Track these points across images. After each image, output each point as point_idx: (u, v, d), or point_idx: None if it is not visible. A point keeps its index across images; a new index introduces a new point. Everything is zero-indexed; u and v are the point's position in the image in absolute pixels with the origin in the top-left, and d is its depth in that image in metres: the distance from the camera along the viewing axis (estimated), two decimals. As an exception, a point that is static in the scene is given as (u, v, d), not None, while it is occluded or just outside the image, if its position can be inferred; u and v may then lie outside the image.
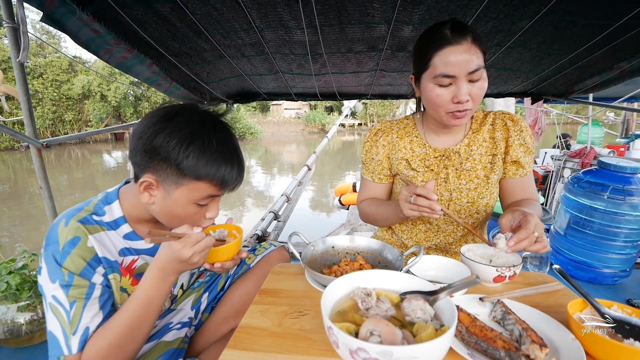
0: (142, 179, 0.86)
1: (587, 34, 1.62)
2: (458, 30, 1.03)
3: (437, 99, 1.08)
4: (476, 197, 1.23)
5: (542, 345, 0.61)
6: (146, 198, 0.89)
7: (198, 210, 0.91)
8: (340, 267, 0.99)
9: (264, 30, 1.61)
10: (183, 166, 0.83)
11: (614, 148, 4.99)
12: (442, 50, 1.03)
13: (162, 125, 0.84)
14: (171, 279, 0.87)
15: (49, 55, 24.60)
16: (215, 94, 2.58)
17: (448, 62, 1.02)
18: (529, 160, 1.24)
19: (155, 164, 0.85)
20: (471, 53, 1.01)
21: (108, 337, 0.81)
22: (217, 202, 0.96)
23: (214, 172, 0.86)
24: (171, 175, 0.85)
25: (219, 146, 0.87)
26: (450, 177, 1.23)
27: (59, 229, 0.83)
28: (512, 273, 0.91)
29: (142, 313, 0.84)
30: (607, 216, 2.04)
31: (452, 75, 1.03)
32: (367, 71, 2.23)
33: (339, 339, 0.55)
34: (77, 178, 14.93)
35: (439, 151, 1.25)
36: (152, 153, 0.84)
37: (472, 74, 1.02)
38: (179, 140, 0.83)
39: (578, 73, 2.13)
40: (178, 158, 0.83)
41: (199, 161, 0.84)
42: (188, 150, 0.83)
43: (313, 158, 6.01)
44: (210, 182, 0.87)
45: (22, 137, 1.53)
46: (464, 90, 1.04)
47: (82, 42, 1.43)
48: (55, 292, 0.80)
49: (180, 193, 0.87)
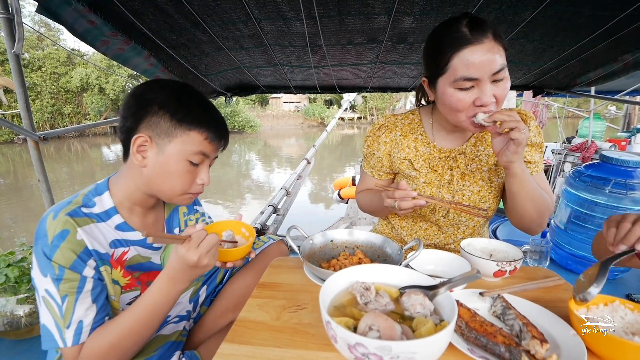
0: (136, 136, 0.88)
1: (591, 25, 1.59)
2: (477, 26, 0.93)
3: (459, 104, 0.98)
4: (478, 201, 1.19)
5: (543, 341, 0.60)
6: (139, 159, 0.89)
7: (190, 170, 0.92)
8: (339, 261, 0.98)
9: (262, 21, 1.59)
10: (177, 114, 0.88)
11: (616, 142, 4.95)
12: (462, 51, 0.93)
13: (152, 84, 0.93)
14: (181, 287, 0.86)
15: (47, 48, 24.43)
16: (213, 86, 2.56)
17: (470, 63, 0.92)
18: (539, 157, 1.19)
19: (149, 119, 0.88)
20: (494, 52, 0.92)
21: (110, 337, 0.81)
22: (207, 166, 0.97)
23: (205, 123, 0.91)
24: (165, 128, 0.88)
25: (204, 105, 0.95)
26: (455, 179, 1.19)
27: (47, 223, 0.82)
28: (512, 267, 0.90)
29: (147, 318, 0.84)
30: (608, 210, 2.04)
31: (474, 78, 0.94)
32: (366, 63, 2.21)
33: (337, 334, 0.54)
34: (77, 171, 14.94)
35: (444, 152, 1.20)
36: (146, 105, 0.88)
37: (496, 74, 0.93)
38: (170, 92, 0.90)
39: (581, 65, 2.11)
40: (171, 107, 0.88)
41: (191, 111, 0.90)
42: (179, 101, 0.90)
43: (312, 152, 5.99)
44: (201, 134, 0.90)
45: (19, 129, 1.51)
46: (488, 93, 0.94)
47: (78, 34, 1.41)
48: (47, 286, 0.80)
49: (174, 147, 0.89)
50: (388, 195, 1.02)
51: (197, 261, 0.80)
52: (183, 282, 0.85)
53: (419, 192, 1.19)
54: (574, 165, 4.53)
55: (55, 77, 24.12)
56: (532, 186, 1.05)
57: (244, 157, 19.12)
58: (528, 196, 1.06)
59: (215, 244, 0.83)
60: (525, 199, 1.06)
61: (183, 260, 0.80)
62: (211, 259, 0.83)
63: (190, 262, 0.80)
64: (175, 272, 0.83)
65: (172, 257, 0.83)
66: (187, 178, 0.93)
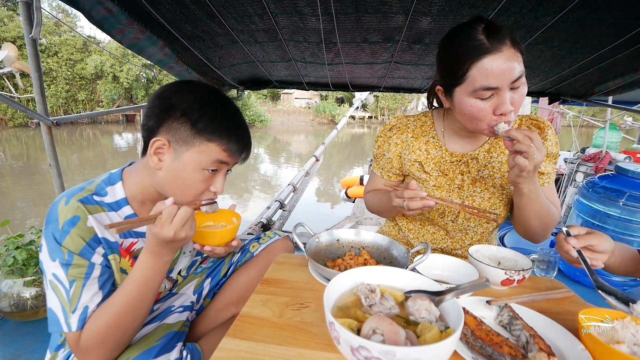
0: (155, 138, 0.87)
1: (613, 33, 1.55)
2: (495, 33, 0.91)
3: (480, 114, 0.96)
4: (488, 208, 1.17)
5: (550, 354, 0.59)
6: (155, 162, 0.89)
7: (205, 178, 0.91)
8: (345, 260, 0.97)
9: (278, 15, 1.58)
10: (198, 125, 0.87)
11: (631, 154, 4.84)
12: (481, 61, 0.91)
13: (180, 87, 0.91)
14: (166, 258, 0.86)
15: (63, 34, 24.73)
16: (226, 79, 2.56)
17: (489, 73, 0.90)
18: (552, 168, 1.17)
19: (169, 124, 0.87)
20: (514, 59, 0.90)
21: (106, 316, 0.81)
22: (223, 174, 0.96)
23: (225, 135, 0.89)
24: (184, 135, 0.87)
25: (230, 115, 0.92)
26: (465, 184, 1.18)
27: (59, 208, 0.83)
28: (521, 277, 0.88)
29: (138, 293, 0.84)
30: (621, 223, 1.99)
31: (494, 87, 0.92)
32: (381, 63, 2.18)
33: (340, 336, 0.53)
34: (88, 157, 15.12)
35: (456, 156, 1.18)
36: (169, 110, 0.87)
37: (516, 81, 0.92)
38: (196, 99, 0.89)
39: (600, 74, 2.06)
40: (193, 116, 0.87)
41: (213, 122, 0.88)
42: (203, 110, 0.88)
43: (321, 149, 5.98)
44: (220, 146, 0.89)
45: (33, 113, 1.53)
46: (507, 101, 0.93)
47: (95, 21, 1.42)
48: (55, 270, 0.81)
49: (191, 155, 0.88)
50: (397, 195, 1.01)
51: (173, 236, 0.80)
52: (167, 254, 0.86)
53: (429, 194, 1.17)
54: (586, 176, 4.45)
55: (70, 64, 24.43)
56: (540, 203, 1.04)
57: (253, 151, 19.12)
58: (534, 212, 1.05)
59: (190, 216, 0.83)
60: (531, 214, 1.06)
61: (159, 238, 0.80)
62: (188, 231, 0.83)
63: (166, 238, 0.79)
64: (155, 248, 0.83)
65: (148, 236, 0.83)
66: (201, 187, 0.93)
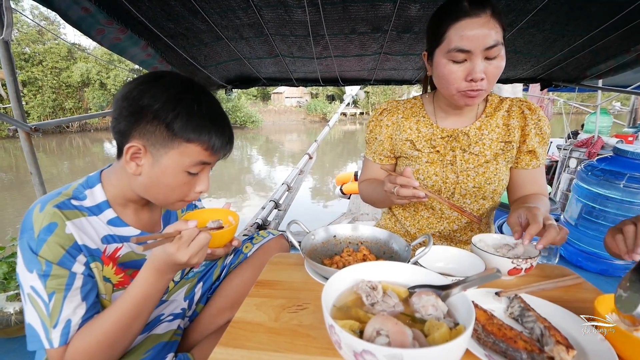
0: (128, 144, 0.80)
1: (604, 13, 1.52)
2: (477, 1, 0.95)
3: (450, 76, 1.01)
4: (483, 182, 1.16)
5: (569, 347, 0.54)
6: (133, 168, 0.82)
7: (188, 180, 0.85)
8: (343, 257, 0.92)
9: (262, 9, 1.53)
10: (173, 126, 0.78)
11: (622, 137, 4.86)
12: (458, 23, 0.96)
13: (148, 84, 0.80)
14: (169, 277, 0.81)
15: (47, 42, 24.35)
16: (213, 78, 2.50)
17: (464, 35, 0.95)
18: (543, 151, 1.18)
19: (142, 127, 0.79)
20: (489, 27, 0.94)
21: (96, 334, 0.76)
22: (207, 173, 0.90)
23: (206, 133, 0.81)
24: (160, 138, 0.79)
25: (207, 109, 0.83)
26: (458, 159, 1.18)
27: (34, 215, 0.77)
28: (528, 265, 0.84)
29: (135, 311, 0.78)
30: (622, 206, 1.96)
31: (467, 50, 0.96)
32: (370, 54, 2.14)
33: (341, 339, 0.49)
34: (79, 166, 14.87)
35: (446, 131, 1.19)
36: (139, 114, 0.78)
37: (489, 50, 0.95)
38: (167, 98, 0.79)
39: (591, 57, 2.03)
40: (167, 117, 0.78)
41: (190, 121, 0.79)
42: (177, 110, 0.78)
43: (314, 147, 5.95)
44: (201, 145, 0.81)
45: (10, 120, 1.46)
46: (479, 68, 0.96)
47: (72, 22, 1.35)
48: (33, 283, 0.74)
49: (170, 158, 0.81)
50: (390, 180, 0.99)
51: (186, 261, 0.75)
52: (171, 273, 0.80)
53: (422, 173, 1.20)
54: (579, 161, 4.45)
55: (56, 72, 24.03)
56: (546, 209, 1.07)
57: (246, 153, 19.05)
58: None
59: (206, 244, 0.77)
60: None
61: (171, 259, 0.75)
62: (201, 257, 0.78)
63: (179, 262, 0.74)
64: (161, 266, 0.77)
65: (159, 253, 0.77)
66: (185, 189, 0.86)
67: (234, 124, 28.47)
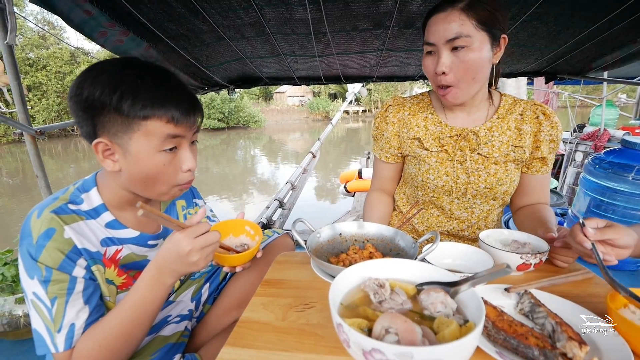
0: (94, 142, 0.78)
1: (610, 3, 1.50)
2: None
3: (425, 69, 1.07)
4: (495, 183, 1.14)
5: (582, 343, 0.54)
6: (110, 166, 0.80)
7: (168, 160, 0.81)
8: (349, 255, 0.91)
9: (263, 8, 1.52)
10: (122, 108, 0.75)
11: (629, 130, 4.80)
12: (431, 17, 1.02)
13: (85, 76, 0.77)
14: (168, 281, 0.79)
15: (51, 47, 24.53)
16: (216, 79, 2.50)
17: (429, 29, 1.01)
18: (552, 157, 1.18)
19: (99, 121, 0.77)
20: (452, 20, 0.96)
21: (99, 338, 0.76)
22: (186, 148, 0.85)
23: (160, 104, 0.77)
24: (117, 125, 0.76)
25: (154, 81, 0.79)
26: (468, 159, 1.15)
27: (32, 221, 0.77)
28: (537, 260, 0.83)
29: (135, 317, 0.78)
30: (632, 199, 1.93)
31: (431, 43, 1.01)
32: (372, 51, 2.13)
33: (350, 338, 0.48)
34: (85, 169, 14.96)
35: (455, 130, 1.16)
36: (89, 109, 0.76)
37: (451, 41, 0.97)
38: (106, 80, 0.75)
39: (597, 48, 2.01)
40: (112, 100, 0.75)
41: (137, 98, 0.75)
42: (119, 90, 0.75)
43: (317, 145, 5.94)
44: (160, 118, 0.77)
45: (15, 123, 1.47)
46: (441, 60, 0.99)
47: (75, 25, 1.36)
48: (35, 289, 0.75)
49: (137, 142, 0.78)
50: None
51: (187, 252, 0.74)
52: (170, 275, 0.78)
53: (433, 173, 1.18)
54: (586, 155, 4.41)
55: (60, 76, 24.21)
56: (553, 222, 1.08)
57: (250, 153, 19.10)
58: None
59: (213, 244, 0.77)
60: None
61: (175, 246, 0.74)
62: (202, 258, 0.76)
63: (181, 250, 0.74)
64: (162, 261, 0.77)
65: (164, 244, 0.76)
66: (169, 170, 0.83)
67: (237, 124, 28.52)
